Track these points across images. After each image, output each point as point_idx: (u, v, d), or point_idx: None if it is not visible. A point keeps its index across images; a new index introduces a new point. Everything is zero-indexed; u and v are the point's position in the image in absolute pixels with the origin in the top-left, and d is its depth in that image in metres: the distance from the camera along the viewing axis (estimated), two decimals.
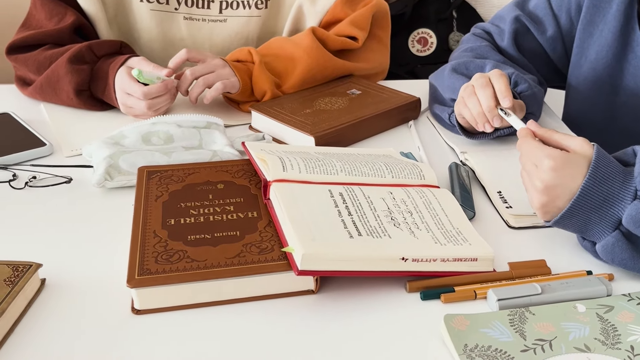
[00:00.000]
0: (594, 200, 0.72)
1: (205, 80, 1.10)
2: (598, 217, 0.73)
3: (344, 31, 1.22)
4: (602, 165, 0.72)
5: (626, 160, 0.77)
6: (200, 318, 0.68)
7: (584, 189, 0.72)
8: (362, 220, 0.76)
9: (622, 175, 0.72)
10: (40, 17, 1.20)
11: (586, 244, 0.77)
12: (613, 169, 0.73)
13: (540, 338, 0.64)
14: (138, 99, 1.07)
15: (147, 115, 1.08)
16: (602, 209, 0.72)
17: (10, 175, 0.94)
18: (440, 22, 1.83)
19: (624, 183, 0.72)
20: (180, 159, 0.93)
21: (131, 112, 1.11)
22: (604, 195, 0.72)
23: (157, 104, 1.08)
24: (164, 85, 1.08)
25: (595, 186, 0.72)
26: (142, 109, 1.08)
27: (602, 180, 0.72)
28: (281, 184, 0.80)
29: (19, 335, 0.65)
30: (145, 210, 0.80)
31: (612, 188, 0.72)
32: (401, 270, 0.71)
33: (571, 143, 0.76)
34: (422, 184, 0.87)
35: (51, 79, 1.13)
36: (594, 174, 0.72)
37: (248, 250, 0.72)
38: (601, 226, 0.73)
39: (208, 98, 1.10)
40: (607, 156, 0.74)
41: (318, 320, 0.68)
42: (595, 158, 0.73)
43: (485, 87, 0.93)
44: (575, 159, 0.74)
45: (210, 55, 1.15)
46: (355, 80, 1.23)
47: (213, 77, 1.10)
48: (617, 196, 0.72)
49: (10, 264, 0.70)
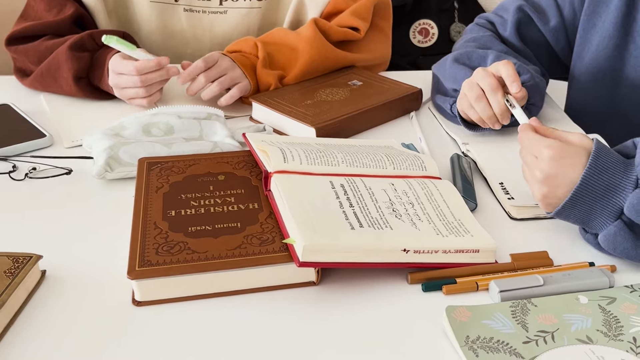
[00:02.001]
0: (595, 189, 0.72)
1: (220, 84, 1.10)
2: (600, 207, 0.73)
3: (346, 22, 1.22)
4: (602, 155, 0.73)
5: (627, 152, 0.77)
6: (201, 310, 0.68)
7: (585, 179, 0.72)
8: (364, 211, 0.75)
9: (623, 165, 0.73)
10: (40, 8, 1.19)
11: (588, 237, 0.77)
12: (613, 159, 0.73)
13: (542, 330, 0.64)
14: (130, 75, 1.05)
15: (141, 95, 1.07)
16: (604, 199, 0.72)
17: (10, 167, 0.93)
18: (442, 13, 1.82)
19: (625, 172, 0.72)
20: (180, 150, 0.92)
21: (125, 95, 1.09)
22: (605, 185, 0.72)
23: (151, 79, 1.06)
24: (157, 61, 1.06)
25: (596, 175, 0.72)
26: (135, 83, 1.05)
27: (602, 170, 0.72)
28: (282, 175, 0.79)
29: (19, 327, 0.65)
30: (145, 201, 0.79)
31: (614, 177, 0.72)
32: (403, 262, 0.71)
33: (570, 137, 0.77)
34: (423, 175, 0.86)
35: (51, 66, 1.12)
36: (594, 163, 0.72)
37: (249, 242, 0.72)
38: (603, 216, 0.73)
39: (223, 102, 1.10)
40: (606, 147, 0.75)
41: (319, 312, 0.68)
42: (596, 148, 0.73)
43: (496, 90, 0.93)
44: (574, 149, 0.74)
45: (217, 56, 1.12)
46: (357, 71, 1.23)
47: (227, 80, 1.10)
48: (618, 185, 0.72)
49: (10, 255, 0.70)
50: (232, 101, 1.10)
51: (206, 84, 1.09)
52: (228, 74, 1.11)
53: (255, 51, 1.14)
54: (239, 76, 1.11)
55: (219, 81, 1.10)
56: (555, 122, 1.08)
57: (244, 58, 1.13)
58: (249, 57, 1.14)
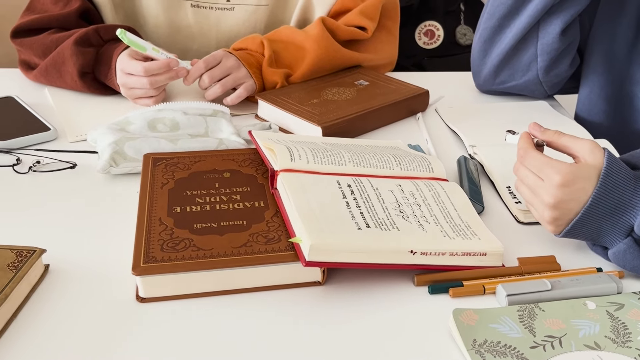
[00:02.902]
0: (605, 208, 0.70)
1: (223, 86, 1.09)
2: (609, 225, 0.71)
3: (354, 21, 1.21)
4: (613, 173, 0.70)
5: (634, 163, 0.75)
6: (205, 307, 0.67)
7: (595, 199, 0.70)
8: (371, 212, 0.75)
9: (633, 181, 0.71)
10: (46, 1, 1.19)
11: (596, 249, 0.76)
12: (624, 176, 0.71)
13: (549, 335, 0.64)
14: (139, 76, 1.05)
15: (149, 95, 1.07)
16: (614, 217, 0.71)
17: (14, 160, 0.93)
18: (448, 14, 1.82)
19: (636, 189, 0.70)
20: (186, 147, 0.92)
21: (132, 94, 1.09)
22: (615, 203, 0.70)
23: (159, 82, 1.06)
24: (166, 62, 1.05)
25: (606, 194, 0.70)
26: (143, 85, 1.05)
27: (613, 188, 0.70)
28: (289, 174, 0.79)
29: (21, 321, 0.64)
30: (150, 197, 0.79)
31: (624, 195, 0.70)
32: (409, 264, 0.70)
33: (580, 148, 0.74)
34: (430, 177, 0.86)
35: (57, 60, 1.12)
36: (604, 182, 0.70)
37: (255, 240, 0.71)
38: (613, 234, 0.72)
39: (229, 102, 1.09)
40: (617, 162, 0.72)
41: (324, 312, 0.67)
42: (606, 166, 0.70)
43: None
44: (585, 171, 0.71)
45: (222, 55, 1.11)
46: (363, 71, 1.22)
47: (230, 81, 1.10)
48: (628, 203, 0.70)
49: (13, 248, 0.69)
50: (238, 101, 1.10)
51: (210, 83, 1.09)
52: (232, 74, 1.10)
53: (262, 49, 1.14)
54: (244, 76, 1.10)
55: (221, 83, 1.09)
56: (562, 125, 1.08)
57: (249, 56, 1.13)
58: (255, 55, 1.14)
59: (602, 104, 1.11)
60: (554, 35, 1.06)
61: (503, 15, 1.08)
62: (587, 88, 1.12)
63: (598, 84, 1.11)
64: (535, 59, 1.10)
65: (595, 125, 1.12)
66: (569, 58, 1.11)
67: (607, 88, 1.10)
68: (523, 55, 1.10)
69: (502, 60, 1.12)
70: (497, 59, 1.12)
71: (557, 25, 1.05)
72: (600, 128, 1.11)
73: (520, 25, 1.06)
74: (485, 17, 1.12)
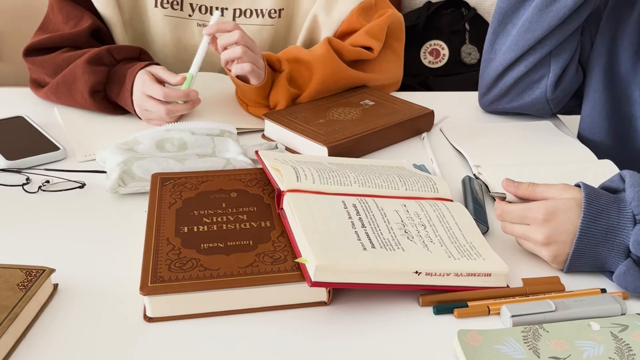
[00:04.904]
0: (596, 235, 0.73)
1: (246, 52, 1.08)
2: (607, 250, 0.74)
3: (360, 41, 1.22)
4: (593, 201, 0.74)
5: (614, 187, 0.78)
6: (212, 327, 0.68)
7: (583, 228, 0.73)
8: (376, 232, 0.75)
9: (616, 205, 0.74)
10: (58, 21, 1.21)
11: (606, 273, 0.77)
12: (605, 201, 0.74)
13: (554, 356, 0.64)
14: (158, 102, 1.07)
15: (163, 121, 1.08)
16: (608, 242, 0.73)
17: (24, 179, 0.94)
18: (453, 34, 1.83)
19: (620, 211, 0.73)
20: (193, 167, 0.93)
21: (147, 116, 1.11)
22: (604, 228, 0.73)
23: (176, 111, 1.09)
24: (186, 92, 1.08)
25: (593, 222, 0.73)
26: (160, 112, 1.08)
27: (598, 215, 0.73)
28: (295, 194, 0.80)
29: (30, 340, 0.65)
30: (158, 217, 0.80)
31: (610, 219, 0.73)
32: (414, 284, 0.71)
33: (554, 191, 0.77)
34: (435, 197, 0.87)
35: (68, 78, 1.13)
36: (588, 210, 0.73)
37: (261, 260, 0.72)
38: (613, 258, 0.74)
39: (234, 71, 1.10)
40: (595, 190, 0.76)
41: (330, 332, 0.68)
42: (585, 195, 0.74)
43: None
44: (562, 204, 0.75)
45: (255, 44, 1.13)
46: (369, 91, 1.23)
47: (251, 56, 1.09)
48: (617, 225, 0.73)
49: (23, 268, 0.70)
50: (241, 72, 1.09)
51: (234, 44, 1.09)
52: (257, 55, 1.11)
53: (279, 66, 1.15)
54: (261, 65, 1.12)
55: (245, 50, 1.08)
56: (566, 145, 1.09)
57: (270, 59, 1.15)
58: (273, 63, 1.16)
59: (604, 122, 1.12)
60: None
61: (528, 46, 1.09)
62: (589, 106, 1.13)
63: (599, 102, 1.11)
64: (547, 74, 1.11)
65: (597, 143, 1.12)
66: (574, 67, 1.13)
67: (607, 107, 1.11)
68: (534, 75, 1.12)
69: (516, 81, 1.14)
70: (512, 80, 1.14)
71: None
72: (601, 146, 1.12)
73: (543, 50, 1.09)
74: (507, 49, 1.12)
